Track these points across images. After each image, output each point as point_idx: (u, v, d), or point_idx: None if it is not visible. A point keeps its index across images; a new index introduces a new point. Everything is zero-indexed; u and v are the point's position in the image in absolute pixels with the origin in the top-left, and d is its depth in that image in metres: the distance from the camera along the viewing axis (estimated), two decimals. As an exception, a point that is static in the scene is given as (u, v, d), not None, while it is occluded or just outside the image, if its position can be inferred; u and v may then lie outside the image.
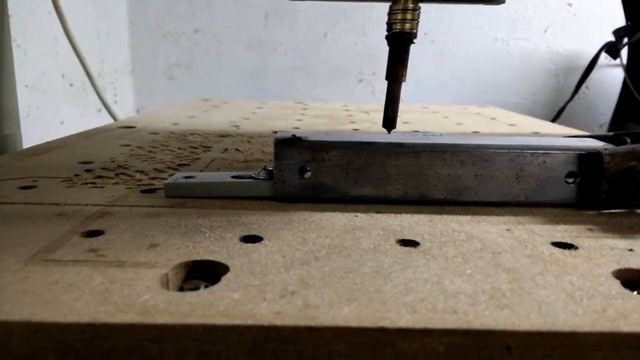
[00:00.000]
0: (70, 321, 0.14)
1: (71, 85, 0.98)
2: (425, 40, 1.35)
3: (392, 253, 0.20)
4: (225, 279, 0.17)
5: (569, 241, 0.22)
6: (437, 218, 0.25)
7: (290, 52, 1.38)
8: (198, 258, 0.19)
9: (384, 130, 0.30)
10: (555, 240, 0.22)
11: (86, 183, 0.30)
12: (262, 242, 0.21)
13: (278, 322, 0.15)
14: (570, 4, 1.36)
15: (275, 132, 0.31)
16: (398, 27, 0.28)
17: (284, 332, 0.14)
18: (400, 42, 0.29)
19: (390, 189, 0.27)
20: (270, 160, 0.32)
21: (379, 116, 0.29)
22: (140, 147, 0.42)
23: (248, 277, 0.17)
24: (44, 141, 0.44)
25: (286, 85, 1.38)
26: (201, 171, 0.34)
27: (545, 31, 1.37)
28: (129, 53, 1.34)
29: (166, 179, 0.29)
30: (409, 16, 0.28)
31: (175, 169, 0.34)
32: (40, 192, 0.28)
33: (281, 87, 1.37)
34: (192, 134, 0.50)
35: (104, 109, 0.94)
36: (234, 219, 0.24)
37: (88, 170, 0.33)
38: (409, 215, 0.25)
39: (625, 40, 1.10)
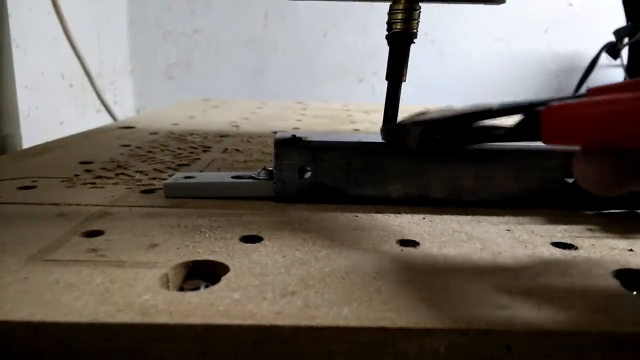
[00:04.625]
0: (71, 321, 0.14)
1: (71, 85, 0.98)
2: (426, 40, 1.35)
3: (392, 253, 0.20)
4: (225, 279, 0.17)
5: (569, 241, 0.22)
6: (437, 218, 0.25)
7: (290, 52, 1.38)
8: (198, 258, 0.19)
9: (384, 130, 0.30)
10: (555, 240, 0.22)
11: (86, 183, 0.30)
12: (262, 242, 0.21)
13: (278, 322, 0.15)
14: (571, 4, 1.36)
15: (275, 132, 0.31)
16: (398, 26, 0.28)
17: (284, 332, 0.14)
18: (400, 41, 0.29)
19: (390, 189, 0.27)
20: (270, 160, 0.32)
21: (379, 116, 0.29)
22: (140, 148, 0.42)
23: (248, 277, 0.17)
24: (44, 141, 0.44)
25: (286, 85, 1.37)
26: (201, 171, 0.34)
27: (546, 31, 1.37)
28: (129, 53, 1.34)
29: (166, 179, 0.29)
30: (409, 15, 0.28)
31: (175, 169, 0.34)
32: (40, 192, 0.28)
33: (281, 87, 1.37)
34: (191, 134, 0.50)
35: (103, 109, 0.94)
36: (234, 219, 0.24)
37: (88, 171, 0.33)
38: (409, 215, 0.25)
39: (626, 40, 1.10)
